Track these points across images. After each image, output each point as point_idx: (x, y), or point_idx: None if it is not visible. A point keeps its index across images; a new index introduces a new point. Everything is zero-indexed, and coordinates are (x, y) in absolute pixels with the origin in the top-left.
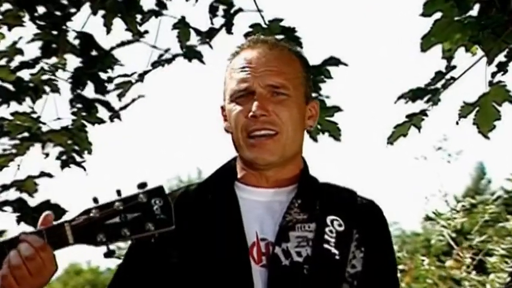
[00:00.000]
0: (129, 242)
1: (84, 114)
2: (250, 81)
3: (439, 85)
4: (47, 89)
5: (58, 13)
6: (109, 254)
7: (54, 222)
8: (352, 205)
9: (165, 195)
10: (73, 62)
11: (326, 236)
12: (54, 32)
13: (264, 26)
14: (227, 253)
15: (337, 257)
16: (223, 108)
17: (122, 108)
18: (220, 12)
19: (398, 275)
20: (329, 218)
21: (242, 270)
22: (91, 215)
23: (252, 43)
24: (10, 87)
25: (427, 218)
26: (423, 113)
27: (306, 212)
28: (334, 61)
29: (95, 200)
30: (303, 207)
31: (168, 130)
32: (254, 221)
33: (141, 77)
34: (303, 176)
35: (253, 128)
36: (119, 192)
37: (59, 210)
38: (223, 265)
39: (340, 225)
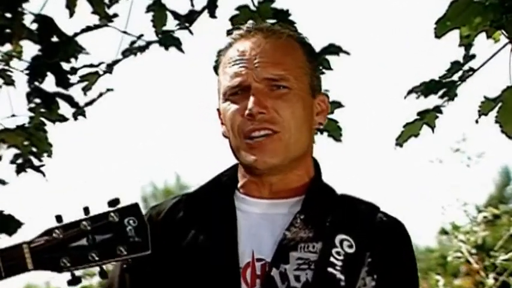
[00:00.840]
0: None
1: (43, 110)
2: (244, 75)
3: (455, 77)
4: (0, 81)
5: None
6: (74, 282)
7: (11, 244)
8: (369, 223)
9: (141, 214)
10: (30, 49)
11: (332, 259)
12: (8, 15)
13: (252, 8)
14: (216, 275)
15: (342, 283)
16: (218, 110)
17: (87, 104)
18: None
19: None
20: (338, 238)
21: None
22: (53, 235)
23: (245, 32)
24: None
25: (443, 232)
26: (437, 109)
27: (312, 229)
28: (334, 49)
29: (58, 218)
30: (308, 224)
31: (141, 129)
32: (251, 238)
33: (110, 67)
34: (313, 186)
35: (251, 128)
36: (86, 210)
37: (13, 223)
38: None
39: (350, 246)
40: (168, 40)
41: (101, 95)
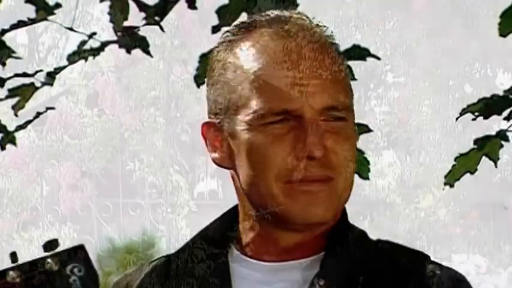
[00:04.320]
0: None
1: None
2: (298, 100)
3: None
4: None
5: None
6: None
7: None
8: (416, 279)
9: (88, 259)
10: None
11: None
12: None
13: None
14: None
15: None
16: (211, 126)
17: (19, 128)
18: None
19: None
20: None
21: None
22: None
23: (274, 25)
24: None
25: None
26: (502, 135)
27: None
28: (359, 52)
29: None
30: None
31: (92, 163)
32: None
33: (51, 77)
34: (336, 236)
35: (307, 176)
36: (13, 256)
37: None
38: None
39: None
40: (130, 40)
41: (38, 115)
